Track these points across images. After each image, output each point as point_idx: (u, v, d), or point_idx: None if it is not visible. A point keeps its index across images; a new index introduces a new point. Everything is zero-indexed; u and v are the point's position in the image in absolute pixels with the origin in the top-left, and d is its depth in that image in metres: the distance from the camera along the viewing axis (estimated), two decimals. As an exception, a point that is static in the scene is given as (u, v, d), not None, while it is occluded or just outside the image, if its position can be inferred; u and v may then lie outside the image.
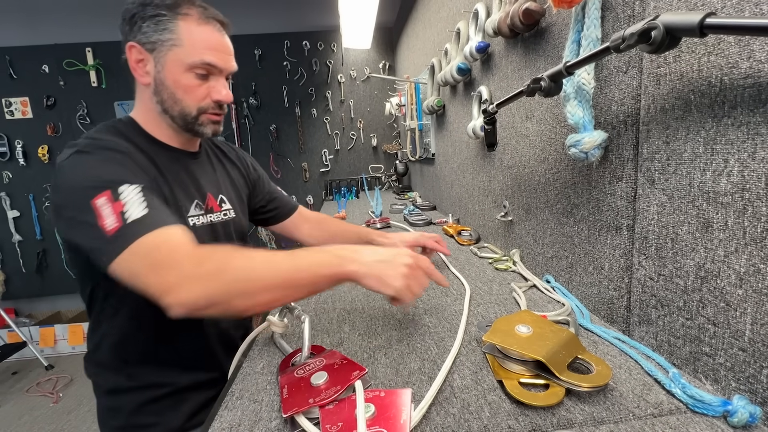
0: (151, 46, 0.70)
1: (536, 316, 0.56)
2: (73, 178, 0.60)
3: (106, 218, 0.55)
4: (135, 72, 0.73)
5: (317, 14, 3.02)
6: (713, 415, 0.40)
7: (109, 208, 0.56)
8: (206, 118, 0.75)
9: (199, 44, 0.70)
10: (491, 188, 1.10)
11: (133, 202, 0.57)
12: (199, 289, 0.51)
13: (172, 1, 0.70)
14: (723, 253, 0.41)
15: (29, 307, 3.22)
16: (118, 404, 0.75)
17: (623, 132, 0.55)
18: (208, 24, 0.71)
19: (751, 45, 0.37)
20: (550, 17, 0.72)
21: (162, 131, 0.77)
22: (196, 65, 0.70)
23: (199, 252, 0.54)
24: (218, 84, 0.74)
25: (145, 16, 0.69)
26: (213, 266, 0.53)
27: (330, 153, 3.14)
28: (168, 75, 0.70)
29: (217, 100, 0.74)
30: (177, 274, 0.52)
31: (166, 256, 0.53)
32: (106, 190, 0.57)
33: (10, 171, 2.89)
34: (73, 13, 2.85)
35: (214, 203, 0.82)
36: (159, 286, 0.52)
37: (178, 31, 0.69)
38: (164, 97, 0.72)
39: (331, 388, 0.44)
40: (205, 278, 0.52)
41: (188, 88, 0.71)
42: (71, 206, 0.58)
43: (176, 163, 0.77)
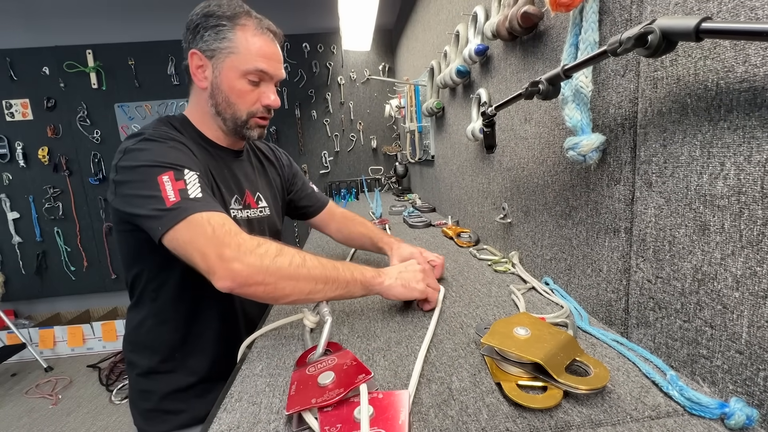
0: (210, 53, 0.76)
1: (535, 319, 0.56)
2: (142, 158, 0.66)
3: (168, 192, 0.61)
4: (195, 77, 0.78)
5: (317, 16, 3.03)
6: (710, 418, 0.40)
7: (171, 184, 0.62)
8: (254, 122, 0.81)
9: (254, 52, 0.76)
10: (490, 190, 1.10)
11: (193, 184, 0.63)
12: (256, 263, 0.57)
13: (232, 12, 0.76)
14: (720, 256, 0.42)
15: (29, 309, 3.21)
16: (151, 387, 0.81)
17: (621, 135, 0.55)
18: (262, 34, 0.78)
19: (746, 49, 0.37)
20: (548, 21, 0.72)
21: (212, 131, 0.83)
22: (249, 72, 0.76)
23: (257, 238, 0.61)
24: (268, 90, 0.80)
25: (207, 26, 0.75)
26: (271, 248, 0.60)
27: (330, 154, 3.14)
28: (224, 80, 0.76)
29: (267, 105, 0.80)
30: (237, 249, 0.57)
31: (225, 233, 0.59)
32: (171, 169, 0.64)
33: (10, 172, 2.89)
34: (73, 15, 2.86)
35: (251, 200, 0.89)
36: (217, 256, 0.57)
37: (235, 39, 0.75)
38: (219, 101, 0.78)
39: (334, 390, 0.44)
40: (263, 256, 0.58)
41: (241, 92, 0.77)
42: (136, 182, 0.64)
43: (221, 160, 0.84)
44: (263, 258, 0.58)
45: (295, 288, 0.60)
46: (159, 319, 0.80)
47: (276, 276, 0.58)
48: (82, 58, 2.83)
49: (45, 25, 2.86)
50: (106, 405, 2.32)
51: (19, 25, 2.85)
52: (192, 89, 0.82)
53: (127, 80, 2.90)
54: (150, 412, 0.82)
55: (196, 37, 0.76)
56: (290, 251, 0.62)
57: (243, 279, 0.57)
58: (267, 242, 0.62)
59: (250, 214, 0.88)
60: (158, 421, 0.81)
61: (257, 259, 0.58)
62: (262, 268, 0.58)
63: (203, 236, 0.58)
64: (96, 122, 2.91)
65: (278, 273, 0.59)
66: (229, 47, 0.75)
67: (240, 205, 0.86)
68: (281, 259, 0.59)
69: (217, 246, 0.57)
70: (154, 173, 0.63)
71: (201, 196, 0.63)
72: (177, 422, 0.81)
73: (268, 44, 0.78)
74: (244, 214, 0.86)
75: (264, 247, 0.60)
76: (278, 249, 0.61)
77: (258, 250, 0.59)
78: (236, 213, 0.84)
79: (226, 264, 0.56)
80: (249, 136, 0.82)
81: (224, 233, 0.59)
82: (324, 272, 0.62)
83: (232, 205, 0.84)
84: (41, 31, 2.85)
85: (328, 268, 0.63)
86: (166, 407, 0.81)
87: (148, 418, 0.82)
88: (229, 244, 0.58)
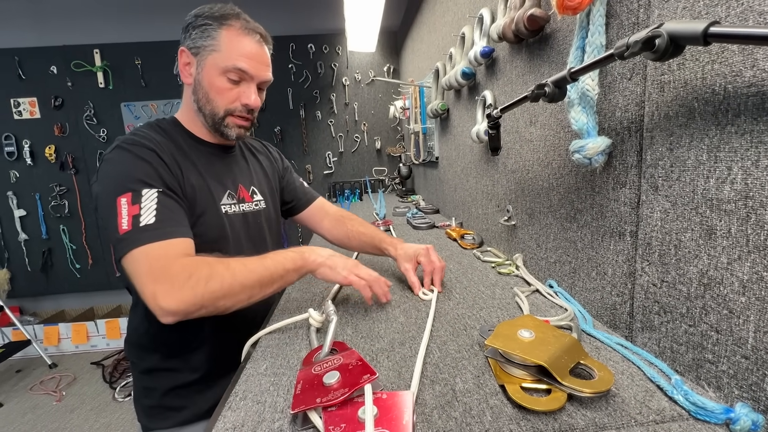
0: (195, 51, 0.78)
1: (539, 321, 0.56)
2: (110, 171, 0.70)
3: (123, 218, 0.64)
4: (182, 73, 0.81)
5: (323, 18, 3.04)
6: (715, 423, 0.40)
7: (127, 208, 0.65)
8: (232, 121, 0.82)
9: (236, 51, 0.77)
10: (495, 192, 1.10)
11: (148, 209, 0.65)
12: (189, 296, 0.60)
13: (221, 14, 0.78)
14: (726, 261, 0.42)
15: (34, 306, 3.24)
16: (153, 384, 0.83)
17: (627, 138, 0.55)
18: (247, 35, 0.78)
19: (754, 54, 0.37)
20: (554, 23, 0.72)
21: (199, 129, 0.85)
22: (229, 69, 0.77)
23: (190, 263, 0.64)
24: (248, 90, 0.80)
25: (196, 25, 0.77)
26: (201, 275, 0.62)
27: (334, 155, 3.14)
28: (205, 76, 0.78)
29: (245, 104, 0.81)
30: (169, 285, 0.60)
31: (161, 268, 0.62)
32: (130, 191, 0.66)
33: (18, 170, 2.92)
34: (81, 15, 2.89)
35: (245, 194, 0.90)
36: (151, 295, 0.60)
37: (219, 38, 0.77)
38: (200, 96, 0.80)
39: (339, 390, 0.45)
40: (195, 286, 0.61)
41: (220, 89, 0.78)
42: (102, 199, 0.68)
43: (211, 156, 0.85)
44: (195, 288, 0.61)
45: (234, 301, 0.65)
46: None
47: (212, 299, 0.62)
48: (89, 57, 2.85)
49: (53, 25, 2.89)
50: (110, 402, 2.34)
51: (27, 25, 2.87)
52: (184, 89, 0.84)
53: (133, 80, 2.92)
54: (152, 408, 0.83)
55: (186, 36, 0.78)
56: (220, 270, 0.64)
57: (182, 313, 0.61)
58: (199, 267, 0.63)
59: (245, 208, 0.89)
60: (160, 418, 0.82)
61: (189, 292, 0.60)
62: (195, 299, 0.61)
63: (140, 273, 0.62)
64: (102, 121, 2.94)
65: (213, 296, 0.62)
66: (212, 45, 0.76)
67: (234, 199, 0.87)
68: (213, 283, 0.62)
69: (151, 283, 0.61)
70: (115, 193, 0.66)
71: (152, 223, 0.65)
72: (179, 419, 0.82)
73: (251, 45, 0.79)
74: (238, 208, 0.87)
75: (196, 276, 0.62)
76: (209, 272, 0.63)
77: (189, 281, 0.61)
78: (228, 208, 0.84)
79: (160, 303, 0.59)
80: (227, 134, 0.83)
81: (158, 269, 0.61)
82: (256, 277, 0.66)
83: (224, 201, 0.84)
84: (49, 30, 2.88)
85: (259, 272, 0.67)
86: (168, 404, 0.82)
87: (150, 414, 0.83)
88: (161, 280, 0.61)
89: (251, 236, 0.90)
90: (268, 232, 0.95)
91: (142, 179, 0.68)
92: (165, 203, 0.68)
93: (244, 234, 0.88)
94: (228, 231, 0.83)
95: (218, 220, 0.82)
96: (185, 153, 0.80)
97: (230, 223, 0.84)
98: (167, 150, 0.76)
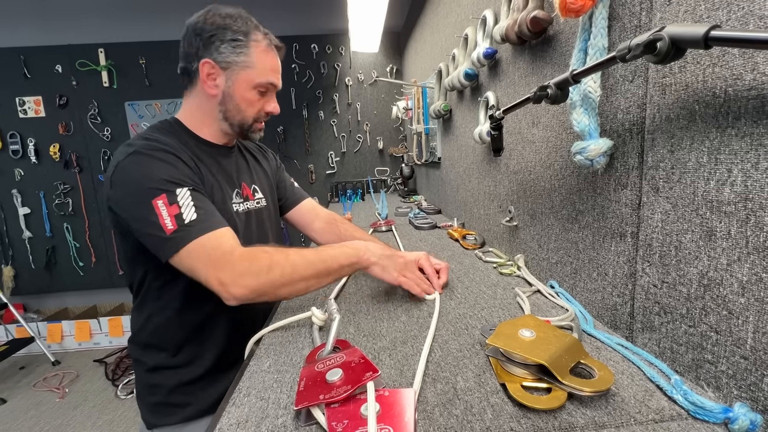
0: (225, 65, 0.80)
1: (540, 321, 0.56)
2: (134, 176, 0.70)
3: (165, 219, 0.66)
4: (204, 83, 0.81)
5: (326, 18, 3.05)
6: (714, 422, 0.40)
7: (166, 209, 0.67)
8: (257, 126, 0.89)
9: (267, 67, 0.83)
10: (497, 193, 1.10)
11: (187, 206, 0.68)
12: (252, 284, 0.64)
13: (246, 28, 0.80)
14: (726, 262, 0.42)
15: (37, 303, 3.26)
16: (158, 382, 0.84)
17: (628, 140, 0.56)
18: (272, 50, 0.84)
19: (755, 57, 0.38)
20: (557, 25, 0.73)
21: (209, 131, 0.87)
22: (262, 84, 0.83)
23: (249, 252, 0.67)
24: (272, 98, 0.88)
25: (225, 39, 0.78)
26: (262, 264, 0.66)
27: (336, 155, 3.15)
28: (237, 90, 0.82)
29: (269, 112, 0.88)
30: (232, 272, 0.64)
31: (221, 256, 0.65)
32: (163, 192, 0.68)
33: (22, 168, 2.94)
34: (86, 14, 2.91)
35: (248, 192, 0.93)
36: (217, 281, 0.64)
37: (251, 55, 0.80)
38: (229, 107, 0.83)
39: (342, 387, 0.45)
40: (256, 275, 0.65)
41: (251, 102, 0.84)
42: (133, 203, 0.69)
43: (216, 156, 0.88)
44: (258, 276, 0.65)
45: (292, 289, 0.69)
46: (163, 317, 0.82)
47: (273, 287, 0.66)
48: (94, 56, 2.87)
49: (58, 24, 2.91)
50: (112, 399, 2.35)
51: (33, 24, 2.89)
52: (191, 92, 0.85)
53: (137, 79, 2.93)
54: (157, 405, 0.84)
55: (210, 47, 0.78)
56: (280, 260, 0.68)
57: (247, 298, 0.65)
58: (259, 255, 0.67)
59: (249, 206, 0.91)
60: (165, 414, 0.83)
61: (253, 279, 0.65)
62: (258, 285, 0.65)
63: (201, 263, 0.65)
64: (106, 120, 2.95)
65: (274, 284, 0.66)
66: (245, 61, 0.80)
67: (240, 198, 0.90)
68: (274, 273, 0.66)
69: (215, 271, 0.64)
70: (148, 196, 0.67)
71: (196, 218, 0.67)
72: (183, 415, 0.83)
73: (276, 60, 0.85)
74: (244, 207, 0.90)
75: (257, 264, 0.66)
76: (270, 261, 0.67)
77: (252, 269, 0.65)
78: (238, 206, 0.87)
79: (226, 288, 0.64)
80: (254, 138, 0.90)
81: (219, 257, 0.65)
82: (313, 269, 0.70)
83: (234, 199, 0.87)
84: (54, 29, 2.90)
85: (317, 264, 0.71)
86: (173, 401, 0.83)
87: (155, 411, 0.84)
88: (225, 268, 0.64)
89: (255, 233, 0.91)
90: (269, 229, 0.97)
91: (171, 180, 0.70)
92: (199, 199, 0.71)
93: (249, 231, 0.90)
94: (239, 229, 0.85)
95: (230, 219, 0.83)
96: (196, 154, 0.82)
97: (240, 220, 0.87)
98: (182, 152, 0.78)
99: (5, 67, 2.84)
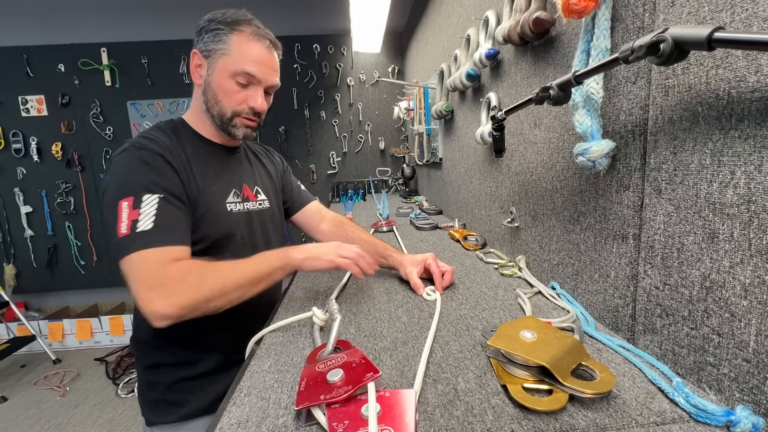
0: (207, 54, 0.80)
1: (541, 323, 0.56)
2: (115, 172, 0.72)
3: (123, 222, 0.67)
4: (193, 75, 0.83)
5: (328, 18, 3.05)
6: (716, 425, 0.40)
7: (127, 213, 0.67)
8: (239, 121, 0.84)
9: (245, 56, 0.79)
10: (498, 194, 1.10)
11: (147, 215, 0.67)
12: (183, 300, 0.64)
13: (233, 19, 0.80)
14: (728, 264, 0.42)
15: (39, 302, 3.27)
16: (156, 379, 0.85)
17: (631, 142, 0.55)
18: (257, 41, 0.80)
19: (758, 59, 0.38)
20: (559, 26, 0.73)
21: (207, 129, 0.87)
22: (238, 73, 0.79)
23: (181, 268, 0.66)
24: (255, 93, 0.82)
25: (209, 29, 0.80)
26: (193, 280, 0.65)
27: (338, 155, 3.15)
28: (214, 78, 0.80)
29: (251, 107, 0.82)
30: (163, 290, 0.63)
31: (155, 274, 0.64)
32: (132, 195, 0.68)
33: (24, 167, 2.95)
34: (88, 13, 2.92)
35: (249, 193, 0.92)
36: (145, 299, 0.63)
37: (230, 42, 0.79)
38: (209, 97, 0.82)
39: (343, 387, 0.45)
40: (188, 290, 0.64)
41: (228, 92, 0.80)
42: (107, 198, 0.71)
43: (217, 156, 0.88)
44: (188, 292, 0.64)
45: (225, 300, 0.68)
46: None
47: (204, 300, 0.65)
48: (96, 55, 2.88)
49: (61, 23, 2.91)
50: (113, 398, 2.35)
51: (35, 23, 2.90)
52: (194, 90, 0.87)
53: (139, 78, 2.94)
54: (156, 402, 0.85)
55: (199, 39, 0.81)
56: (210, 273, 0.67)
57: (176, 316, 0.64)
58: (191, 271, 0.66)
59: (249, 207, 0.90)
60: (163, 412, 0.84)
61: (183, 296, 0.64)
62: (189, 302, 0.64)
63: (136, 275, 0.65)
64: (109, 119, 2.96)
65: (205, 298, 0.65)
66: (223, 48, 0.78)
67: (239, 198, 0.88)
68: (205, 286, 0.65)
69: (146, 288, 0.64)
70: (117, 196, 0.69)
71: (149, 228, 0.67)
72: (181, 413, 0.83)
73: (261, 50, 0.81)
74: (243, 207, 0.89)
75: (188, 280, 0.65)
76: (201, 275, 0.66)
77: (183, 286, 0.64)
78: (233, 206, 0.86)
79: (154, 308, 0.63)
80: (234, 134, 0.84)
81: (153, 273, 0.64)
82: (245, 277, 0.70)
83: (230, 199, 0.86)
84: (57, 28, 2.91)
85: (247, 272, 0.70)
86: (171, 398, 0.84)
87: (153, 408, 0.85)
88: (157, 287, 0.64)
89: (256, 235, 0.91)
90: (272, 231, 0.97)
91: (145, 184, 0.70)
92: (165, 209, 0.70)
93: (249, 232, 0.89)
94: (233, 229, 0.85)
95: (224, 219, 0.83)
96: (193, 154, 0.82)
97: (235, 221, 0.86)
98: (175, 152, 0.77)
99: (8, 66, 2.85)
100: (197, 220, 0.78)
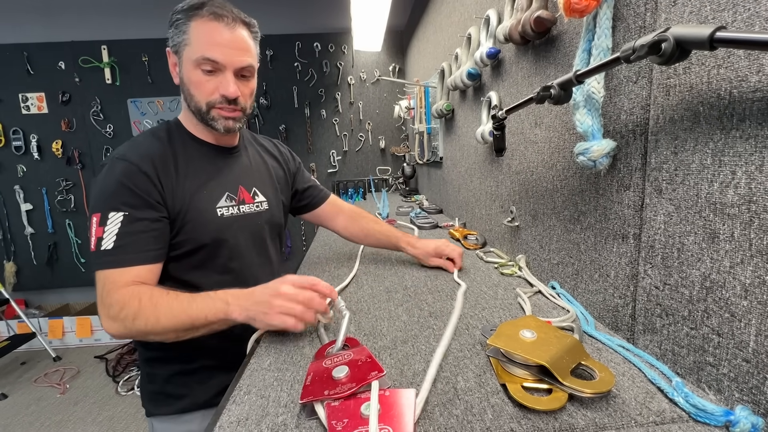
0: (175, 49, 0.77)
1: (541, 322, 0.56)
2: (95, 187, 0.74)
3: (92, 237, 0.70)
4: (172, 74, 0.80)
5: (329, 16, 3.05)
6: (715, 425, 0.40)
7: (95, 229, 0.70)
8: (216, 113, 0.78)
9: (202, 40, 0.73)
10: (498, 193, 1.10)
11: (110, 234, 0.69)
12: (119, 329, 0.67)
13: (190, 4, 0.75)
14: (729, 264, 0.42)
15: (39, 299, 3.27)
16: (155, 372, 0.85)
17: (632, 141, 0.55)
18: (214, 21, 0.73)
19: (760, 59, 0.38)
20: (561, 26, 0.73)
21: (198, 129, 0.84)
22: (200, 61, 0.74)
23: (122, 298, 0.67)
24: (225, 79, 0.75)
25: (171, 22, 0.76)
26: (128, 313, 0.65)
27: (338, 154, 3.15)
28: (184, 72, 0.76)
29: (223, 95, 0.76)
30: (107, 314, 0.67)
31: (105, 295, 0.68)
32: (99, 212, 0.70)
33: (25, 164, 2.95)
34: (89, 11, 2.91)
35: (246, 195, 0.89)
36: (100, 313, 0.69)
37: (189, 31, 0.74)
38: (186, 94, 0.78)
39: (347, 384, 0.45)
40: (122, 321, 0.66)
41: (197, 83, 0.76)
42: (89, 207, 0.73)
43: (210, 158, 0.85)
44: (124, 322, 0.66)
45: (163, 338, 0.68)
46: None
47: (140, 334, 0.67)
48: (97, 53, 2.88)
49: (61, 21, 2.91)
50: (113, 396, 2.36)
51: (36, 21, 2.90)
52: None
53: (140, 76, 2.94)
54: (155, 394, 0.85)
55: (169, 36, 0.78)
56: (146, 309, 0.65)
57: (121, 336, 0.68)
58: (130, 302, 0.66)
59: (245, 209, 0.87)
60: (162, 404, 0.85)
61: (119, 324, 0.66)
62: (124, 332, 0.67)
63: (96, 293, 0.70)
64: (109, 117, 2.96)
65: (140, 332, 0.67)
66: (185, 39, 0.74)
67: (232, 201, 0.85)
68: (138, 322, 0.65)
69: (100, 305, 0.69)
70: (91, 209, 0.71)
71: (109, 249, 0.69)
72: (179, 406, 0.84)
73: (218, 30, 0.73)
74: (237, 210, 0.85)
75: (125, 311, 0.66)
76: (137, 310, 0.65)
77: (119, 315, 0.66)
78: (224, 210, 0.83)
79: (107, 323, 0.68)
80: (215, 128, 0.79)
81: (105, 295, 0.68)
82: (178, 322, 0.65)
83: (221, 203, 0.83)
84: (58, 26, 2.90)
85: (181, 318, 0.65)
86: (169, 391, 0.84)
87: (152, 399, 0.86)
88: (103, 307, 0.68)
89: (250, 238, 0.88)
90: (268, 234, 0.94)
91: (111, 202, 0.70)
92: (128, 229, 0.70)
93: (243, 236, 0.86)
94: (224, 234, 0.82)
95: (213, 223, 0.80)
96: (185, 156, 0.79)
97: (226, 225, 0.82)
98: (160, 159, 0.75)
99: (8, 64, 2.84)
100: (183, 225, 0.76)
